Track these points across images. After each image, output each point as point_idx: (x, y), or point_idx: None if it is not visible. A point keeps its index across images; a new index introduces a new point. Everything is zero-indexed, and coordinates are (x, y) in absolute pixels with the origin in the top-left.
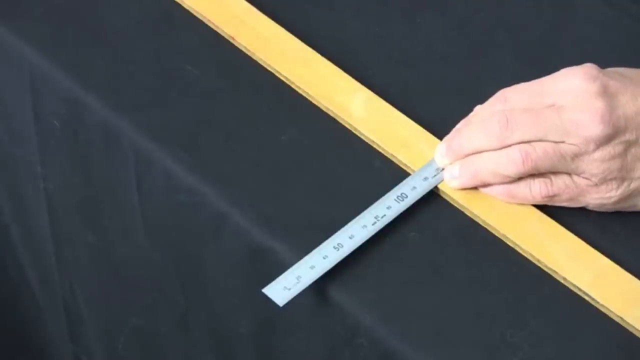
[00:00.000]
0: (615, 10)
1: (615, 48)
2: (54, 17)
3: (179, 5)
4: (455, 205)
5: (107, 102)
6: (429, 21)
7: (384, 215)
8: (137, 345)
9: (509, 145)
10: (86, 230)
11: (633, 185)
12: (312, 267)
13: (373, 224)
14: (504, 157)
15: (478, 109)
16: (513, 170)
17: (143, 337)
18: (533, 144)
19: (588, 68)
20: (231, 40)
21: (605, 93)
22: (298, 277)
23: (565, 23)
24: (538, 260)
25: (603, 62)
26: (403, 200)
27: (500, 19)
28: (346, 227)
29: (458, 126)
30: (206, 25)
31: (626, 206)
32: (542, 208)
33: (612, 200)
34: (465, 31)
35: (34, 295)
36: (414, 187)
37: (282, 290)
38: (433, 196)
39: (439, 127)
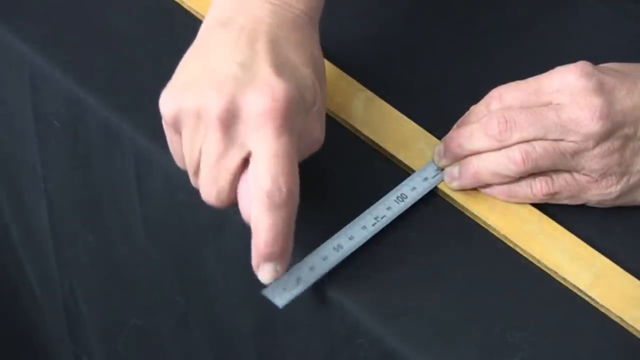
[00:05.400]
0: (615, 10)
1: (615, 48)
2: (54, 17)
3: (179, 5)
4: (455, 205)
5: (107, 102)
6: (429, 21)
7: (384, 216)
8: (137, 345)
9: (509, 146)
10: (86, 230)
11: (633, 179)
12: (312, 269)
13: (373, 225)
14: (505, 157)
15: (474, 108)
16: (514, 170)
17: (143, 337)
18: (533, 143)
19: (583, 65)
20: None
21: (602, 89)
22: (298, 279)
23: (565, 23)
24: (538, 261)
25: (603, 62)
26: (403, 200)
27: (500, 19)
28: (346, 228)
29: (455, 126)
30: None
31: (627, 201)
32: (543, 208)
33: (613, 195)
34: (465, 31)
35: (34, 295)
36: (414, 188)
37: (281, 291)
38: (433, 196)
39: (439, 127)
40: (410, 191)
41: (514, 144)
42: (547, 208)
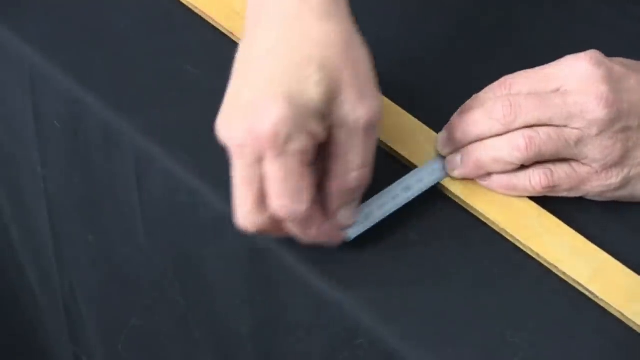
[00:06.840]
0: (615, 10)
1: (615, 48)
2: (54, 17)
3: (179, 4)
4: (456, 200)
5: (107, 102)
6: (429, 21)
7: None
8: (137, 345)
9: (513, 130)
10: (86, 230)
11: (633, 172)
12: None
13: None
14: (508, 143)
15: (478, 94)
16: (517, 156)
17: (143, 337)
18: (536, 129)
19: (593, 53)
20: (230, 36)
21: (611, 78)
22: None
23: (565, 23)
24: (538, 255)
25: None
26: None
27: (500, 19)
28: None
29: (458, 112)
30: (206, 25)
31: (625, 195)
32: (543, 202)
33: (613, 187)
34: (465, 31)
35: (34, 295)
36: (421, 180)
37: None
38: (433, 195)
39: (439, 127)
40: (416, 183)
41: (518, 129)
42: (547, 203)
